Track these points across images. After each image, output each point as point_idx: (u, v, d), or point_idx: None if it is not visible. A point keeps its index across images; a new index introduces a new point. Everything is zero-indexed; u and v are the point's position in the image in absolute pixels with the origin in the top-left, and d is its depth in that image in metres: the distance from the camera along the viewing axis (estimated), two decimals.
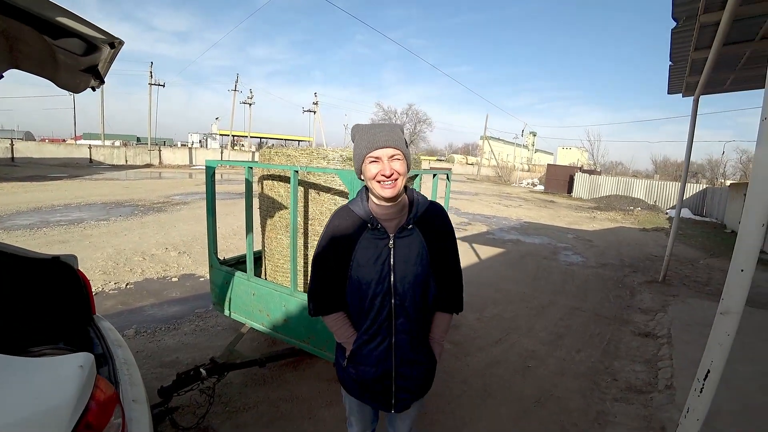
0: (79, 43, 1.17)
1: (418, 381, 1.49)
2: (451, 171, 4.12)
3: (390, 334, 1.40)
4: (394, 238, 1.36)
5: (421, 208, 1.40)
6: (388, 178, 1.27)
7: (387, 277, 1.35)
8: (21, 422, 1.01)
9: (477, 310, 4.58)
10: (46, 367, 1.11)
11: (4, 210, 8.78)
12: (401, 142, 1.31)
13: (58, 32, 1.12)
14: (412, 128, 59.67)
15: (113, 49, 1.27)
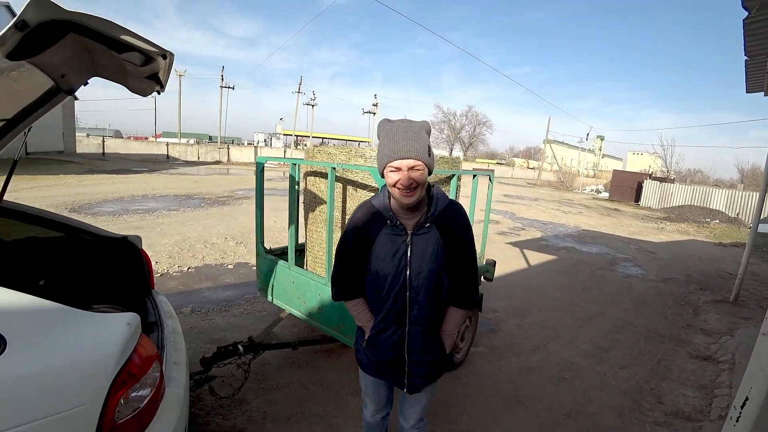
0: (138, 56, 1.39)
1: (429, 368, 1.55)
2: (493, 172, 4.05)
3: (404, 324, 1.49)
4: (412, 235, 1.42)
5: (440, 206, 1.44)
6: (407, 188, 1.32)
7: (403, 271, 1.43)
8: (77, 363, 1.21)
9: (519, 315, 4.47)
10: (101, 321, 1.32)
11: (93, 198, 9.97)
12: (423, 152, 1.31)
13: (122, 47, 1.34)
14: (471, 130, 58.60)
15: (166, 60, 1.47)
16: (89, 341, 1.26)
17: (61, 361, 1.19)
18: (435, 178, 3.04)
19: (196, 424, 2.34)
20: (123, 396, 1.27)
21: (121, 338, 1.30)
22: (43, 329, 1.21)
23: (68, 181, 12.94)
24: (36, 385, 1.14)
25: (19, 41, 1.11)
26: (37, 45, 1.19)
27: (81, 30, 1.21)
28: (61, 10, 1.10)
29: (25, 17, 1.06)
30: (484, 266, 3.95)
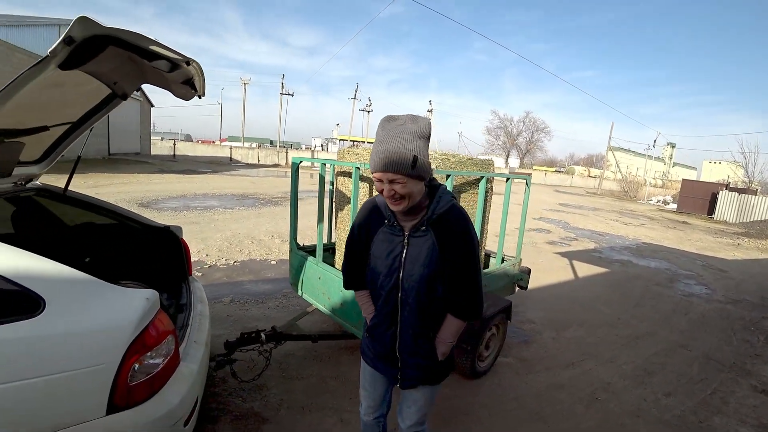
0: (165, 63, 1.59)
1: (420, 371, 1.53)
2: (530, 177, 3.93)
3: (396, 324, 1.49)
4: (408, 236, 1.40)
5: (439, 210, 1.37)
6: (391, 198, 1.29)
7: (396, 272, 1.42)
8: (100, 327, 1.40)
9: (556, 328, 4.27)
10: (123, 294, 1.50)
11: (160, 195, 10.98)
12: (402, 166, 1.22)
13: (152, 56, 1.54)
14: (529, 137, 56.56)
15: (190, 66, 1.66)
16: (111, 310, 1.44)
17: (86, 324, 1.38)
18: (463, 181, 3.01)
19: (217, 402, 2.52)
20: (137, 361, 1.44)
21: (139, 310, 1.48)
22: (76, 296, 1.40)
23: (141, 180, 14.35)
24: (65, 342, 1.34)
25: (68, 54, 1.32)
26: (83, 57, 1.41)
27: (118, 42, 1.41)
28: (100, 26, 1.29)
29: (71, 34, 1.26)
30: (518, 274, 3.85)
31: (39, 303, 1.33)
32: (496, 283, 3.45)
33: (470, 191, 3.09)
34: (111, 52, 1.46)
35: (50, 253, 1.56)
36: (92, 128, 2.35)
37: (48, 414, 1.33)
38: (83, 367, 1.35)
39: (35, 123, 1.97)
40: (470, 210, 3.11)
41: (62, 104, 2.03)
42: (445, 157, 2.92)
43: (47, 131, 2.12)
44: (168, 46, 1.48)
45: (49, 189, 2.42)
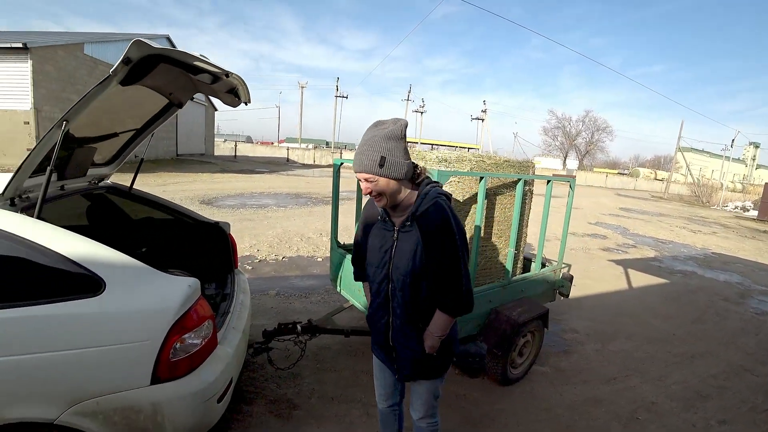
0: (207, 76, 1.79)
1: (410, 362, 1.60)
2: (575, 179, 3.78)
3: (388, 314, 1.59)
4: (398, 231, 1.50)
5: (422, 207, 1.44)
6: (370, 195, 1.44)
7: (386, 265, 1.53)
8: (147, 308, 1.60)
9: (601, 340, 4.07)
10: (169, 280, 1.70)
11: (220, 193, 11.80)
12: (370, 166, 1.36)
13: (196, 70, 1.74)
14: (588, 137, 53.31)
15: (229, 78, 1.84)
16: (158, 294, 1.65)
17: (137, 304, 1.59)
18: (499, 183, 2.97)
19: (254, 386, 2.72)
20: (178, 340, 1.63)
21: (181, 295, 1.67)
22: (131, 280, 1.62)
23: (204, 179, 15.49)
24: (119, 319, 1.56)
25: (127, 72, 1.54)
26: (140, 74, 1.63)
27: (167, 60, 1.61)
28: (152, 47, 1.49)
29: (129, 55, 1.48)
30: (560, 280, 3.73)
31: (101, 284, 1.57)
32: (534, 288, 3.37)
33: (507, 194, 3.05)
34: (162, 68, 1.67)
35: (115, 242, 1.80)
36: (153, 133, 2.65)
37: (103, 378, 1.57)
38: (133, 341, 1.56)
39: (106, 131, 2.27)
40: (506, 213, 3.07)
41: (128, 114, 2.32)
42: (480, 159, 2.91)
43: (116, 137, 2.44)
44: (210, 61, 1.67)
45: (118, 187, 2.76)
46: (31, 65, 13.65)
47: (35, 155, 1.65)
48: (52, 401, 1.52)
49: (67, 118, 1.61)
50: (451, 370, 3.20)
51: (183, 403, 1.65)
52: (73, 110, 1.60)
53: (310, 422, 2.47)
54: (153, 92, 2.15)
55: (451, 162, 2.83)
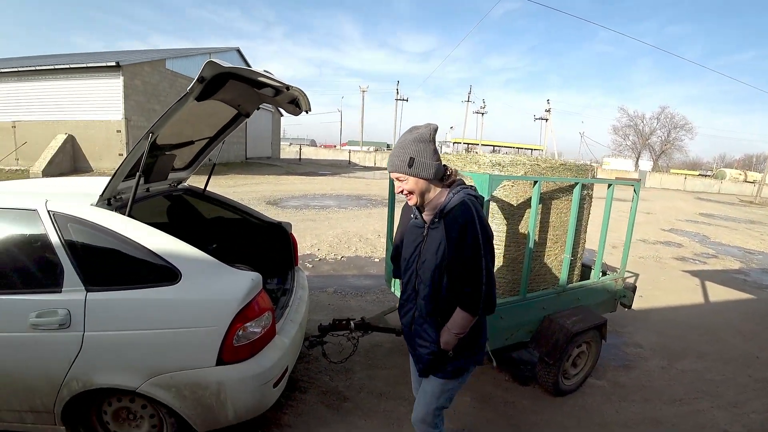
0: (270, 90, 1.99)
1: (425, 356, 1.65)
2: (639, 183, 3.53)
3: (414, 306, 1.68)
4: (428, 228, 1.60)
5: (448, 207, 1.52)
6: (401, 194, 1.57)
7: (416, 259, 1.63)
8: (215, 298, 1.81)
9: (668, 357, 3.76)
10: (235, 274, 1.91)
11: (285, 194, 12.49)
12: (401, 166, 1.51)
13: (260, 85, 1.94)
14: (664, 135, 48.47)
15: (289, 91, 2.02)
16: (225, 286, 1.85)
17: (207, 294, 1.81)
18: (554, 187, 2.88)
19: (308, 376, 2.90)
20: (240, 328, 1.82)
21: (245, 288, 1.86)
22: (202, 272, 1.85)
23: (270, 180, 16.46)
24: (191, 306, 1.78)
25: (201, 89, 1.76)
26: (212, 90, 1.84)
27: (235, 77, 1.81)
28: (222, 67, 1.70)
29: (203, 74, 1.69)
30: (621, 290, 3.51)
31: (177, 275, 1.80)
32: (592, 297, 3.21)
33: (563, 198, 2.95)
34: (231, 84, 1.87)
35: (189, 239, 2.05)
36: (224, 140, 2.94)
37: (176, 356, 1.80)
38: (202, 326, 1.78)
39: (184, 139, 2.57)
40: (563, 218, 2.97)
41: (203, 124, 2.60)
42: (535, 163, 2.85)
43: (193, 144, 2.74)
44: (272, 76, 1.85)
45: (193, 189, 3.09)
46: (123, 81, 15.45)
47: (127, 163, 1.93)
48: (135, 372, 1.79)
49: (153, 130, 1.87)
50: (502, 376, 3.16)
51: (243, 385, 1.84)
52: (157, 123, 1.86)
53: (358, 415, 2.59)
54: (224, 105, 2.39)
55: (505, 166, 2.80)
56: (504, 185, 2.76)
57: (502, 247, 2.84)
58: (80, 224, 1.87)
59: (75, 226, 1.88)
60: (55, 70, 16.09)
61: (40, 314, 1.78)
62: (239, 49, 24.86)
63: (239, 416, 1.91)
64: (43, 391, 1.85)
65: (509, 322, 2.70)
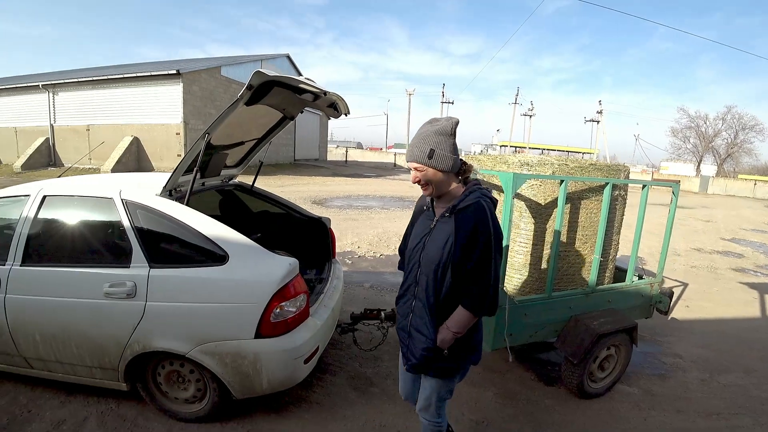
0: (309, 95, 2.22)
1: (419, 352, 1.63)
2: (678, 184, 3.42)
3: (413, 297, 1.66)
4: (437, 221, 1.60)
5: (463, 204, 1.53)
6: (418, 183, 1.57)
7: (421, 250, 1.62)
8: (257, 278, 2.05)
9: (709, 369, 3.59)
10: (275, 258, 2.14)
11: (330, 195, 12.97)
12: (420, 156, 1.51)
13: (301, 91, 2.17)
14: (731, 137, 44.31)
15: (326, 96, 2.24)
16: (266, 268, 2.09)
17: (250, 275, 2.05)
18: (583, 187, 2.90)
19: (339, 361, 3.11)
20: (277, 306, 2.05)
21: (283, 271, 2.09)
22: (246, 255, 2.09)
23: (317, 181, 17.08)
24: (236, 284, 2.03)
25: (250, 96, 2.01)
26: (259, 96, 2.09)
27: (279, 84, 2.05)
28: (267, 76, 1.94)
29: (251, 82, 1.94)
30: (657, 295, 3.42)
31: (225, 257, 2.06)
32: (624, 300, 3.16)
33: (593, 198, 2.94)
34: (276, 90, 2.12)
35: (238, 228, 2.31)
36: (271, 141, 3.22)
37: (221, 327, 2.06)
38: (244, 302, 2.02)
39: (235, 140, 2.87)
40: (592, 218, 2.96)
41: (252, 126, 2.89)
42: (563, 162, 2.88)
43: (243, 145, 3.03)
44: (311, 83, 2.08)
45: (242, 185, 3.40)
46: (182, 87, 16.72)
47: (186, 159, 2.22)
48: (186, 339, 2.07)
49: (209, 131, 2.14)
50: (528, 375, 3.20)
51: (276, 357, 2.07)
52: (212, 125, 2.13)
53: (383, 399, 2.75)
54: (270, 109, 2.66)
55: (533, 166, 2.86)
56: (532, 184, 2.82)
57: (530, 245, 2.90)
58: (146, 211, 2.19)
59: (142, 213, 2.20)
60: (124, 78, 17.70)
61: (112, 285, 2.11)
62: (289, 56, 25.94)
63: (272, 386, 2.14)
64: (111, 350, 2.18)
65: (533, 319, 2.75)
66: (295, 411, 2.55)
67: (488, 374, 3.15)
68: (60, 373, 2.40)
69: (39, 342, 2.30)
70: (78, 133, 18.71)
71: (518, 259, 2.95)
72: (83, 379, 2.39)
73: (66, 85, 18.75)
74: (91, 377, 2.35)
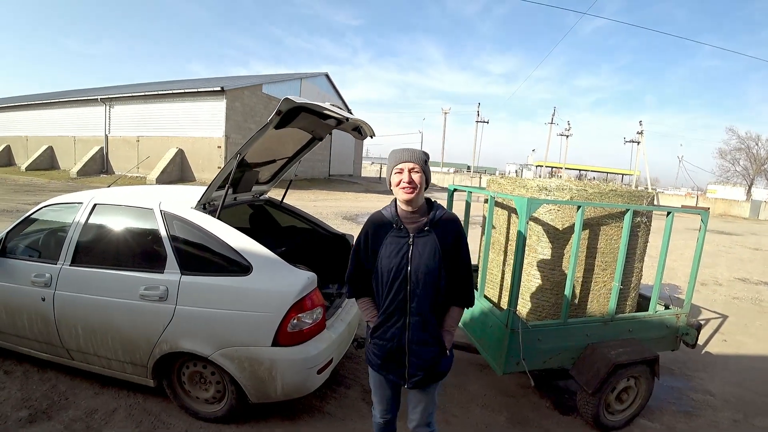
0: (333, 120, 2.38)
1: (428, 361, 1.71)
2: (707, 212, 3.30)
3: (405, 315, 1.68)
4: (414, 237, 1.67)
5: (438, 216, 1.69)
6: (408, 184, 1.60)
7: (405, 266, 1.65)
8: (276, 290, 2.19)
9: (744, 411, 3.36)
10: (294, 272, 2.27)
11: (361, 211, 13.22)
12: (420, 160, 1.63)
13: (325, 116, 2.34)
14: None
15: (348, 121, 2.39)
16: (286, 281, 2.23)
17: (271, 286, 2.19)
18: (603, 213, 2.88)
19: (354, 374, 3.18)
20: (295, 317, 2.17)
21: (301, 284, 2.22)
22: (268, 268, 2.24)
23: (350, 197, 17.43)
24: (257, 294, 2.18)
25: (279, 120, 2.19)
26: (288, 120, 2.27)
27: (306, 110, 2.23)
28: (294, 102, 2.11)
29: (280, 108, 2.12)
30: (684, 327, 3.29)
31: (249, 268, 2.22)
32: (645, 330, 3.06)
33: (612, 225, 2.91)
34: (303, 115, 2.29)
35: (265, 241, 2.48)
36: (301, 160, 3.41)
37: (242, 334, 2.20)
38: (264, 312, 2.17)
39: (267, 158, 3.08)
40: (613, 245, 2.92)
41: (283, 146, 3.10)
42: (582, 188, 2.89)
43: (274, 163, 3.24)
44: (334, 109, 2.25)
45: (272, 201, 3.61)
46: (225, 103, 17.66)
47: (220, 176, 2.43)
48: (209, 342, 2.23)
49: (241, 151, 2.34)
50: (543, 402, 3.15)
51: (291, 365, 2.19)
52: (245, 146, 2.33)
53: None
54: (300, 131, 2.85)
55: (551, 191, 2.89)
56: (550, 209, 2.84)
57: (546, 270, 2.90)
58: (182, 222, 2.40)
59: (178, 223, 2.41)
60: (172, 94, 18.93)
61: (147, 287, 2.31)
62: (327, 74, 26.82)
63: (286, 392, 2.26)
64: (142, 347, 2.37)
65: (548, 345, 2.73)
66: (308, 420, 2.65)
67: (502, 398, 3.14)
68: (97, 366, 2.63)
69: (80, 335, 2.54)
70: (129, 144, 20.07)
71: (534, 283, 2.96)
72: (116, 373, 2.60)
73: (120, 99, 20.30)
74: (123, 372, 2.56)
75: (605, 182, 3.34)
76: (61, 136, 22.47)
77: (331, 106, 2.27)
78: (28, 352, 2.86)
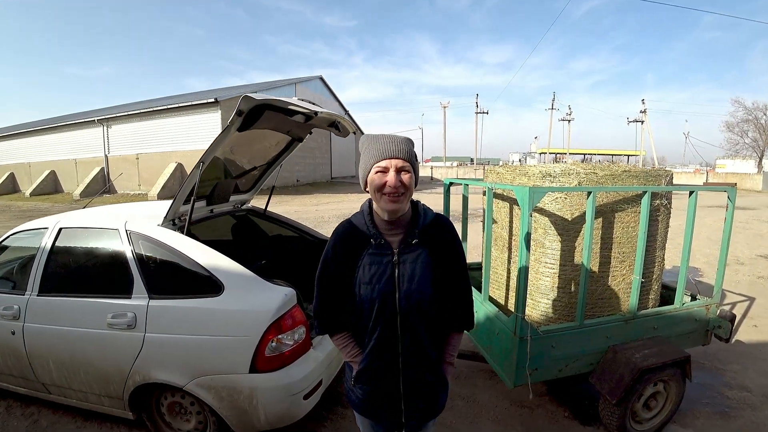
0: (300, 116, 2.15)
1: (428, 402, 1.41)
2: (735, 188, 2.96)
3: (397, 353, 1.32)
4: (399, 253, 1.28)
5: (427, 220, 1.33)
6: (395, 190, 1.21)
7: (392, 295, 1.27)
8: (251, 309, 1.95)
9: None
10: (271, 289, 2.04)
11: None
12: (412, 156, 1.24)
13: (292, 113, 2.12)
14: None
15: (318, 116, 2.15)
16: (261, 299, 1.99)
17: (244, 306, 1.96)
18: (618, 198, 2.59)
19: None
20: (273, 339, 1.93)
21: (278, 302, 1.98)
22: (242, 286, 2.01)
23: (352, 198, 17.18)
24: (230, 316, 1.95)
25: (241, 121, 1.95)
26: (251, 121, 2.04)
27: (270, 107, 1.99)
28: (255, 100, 1.88)
29: (240, 108, 1.89)
30: (715, 319, 2.98)
31: (221, 287, 1.99)
32: (672, 327, 2.76)
33: (628, 210, 2.61)
34: (268, 114, 2.05)
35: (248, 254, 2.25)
36: (281, 165, 3.17)
37: (216, 361, 1.97)
38: (238, 335, 1.93)
39: (246, 167, 2.85)
40: (631, 233, 2.64)
41: (261, 152, 2.87)
42: (591, 171, 2.59)
43: (255, 170, 3.01)
44: (300, 104, 2.02)
45: (256, 210, 3.38)
46: (220, 114, 17.58)
47: (184, 189, 2.20)
48: (183, 372, 2.00)
49: (203, 160, 2.11)
50: (561, 411, 2.87)
51: (273, 393, 1.95)
52: (205, 155, 2.11)
53: None
54: (276, 133, 2.61)
55: (556, 176, 2.60)
56: (556, 198, 2.57)
57: (557, 267, 2.62)
58: (148, 241, 2.18)
59: (144, 243, 2.19)
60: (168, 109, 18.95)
61: (114, 315, 2.10)
62: (322, 77, 26.72)
63: (270, 423, 2.02)
64: (115, 379, 2.17)
65: (563, 351, 2.45)
66: None
67: (515, 409, 2.87)
68: (74, 399, 2.45)
69: (53, 369, 2.35)
70: (129, 162, 20.09)
71: (544, 282, 2.68)
72: (94, 406, 2.42)
73: (117, 118, 20.40)
74: (101, 405, 2.37)
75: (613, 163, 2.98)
76: (62, 159, 22.61)
77: (297, 101, 2.03)
78: (6, 387, 2.70)
